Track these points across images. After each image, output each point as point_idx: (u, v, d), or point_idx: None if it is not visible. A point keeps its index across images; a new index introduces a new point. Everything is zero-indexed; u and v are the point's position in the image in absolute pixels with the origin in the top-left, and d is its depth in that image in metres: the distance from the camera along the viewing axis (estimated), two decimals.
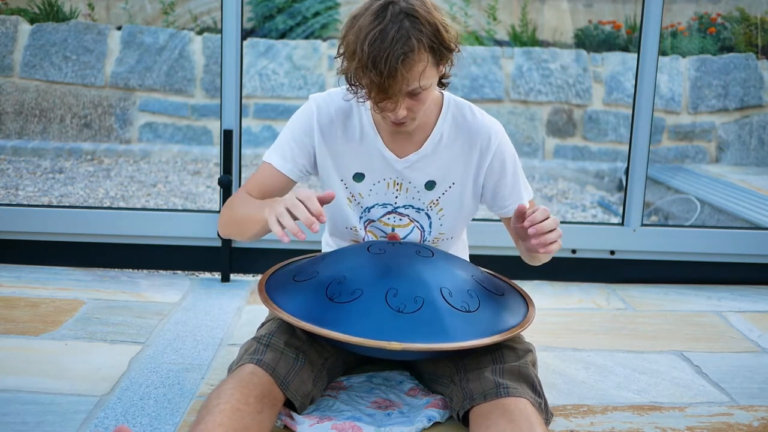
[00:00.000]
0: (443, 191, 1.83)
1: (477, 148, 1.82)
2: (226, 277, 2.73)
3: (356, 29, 1.60)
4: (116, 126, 5.68)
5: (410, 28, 1.57)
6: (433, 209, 1.84)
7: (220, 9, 2.64)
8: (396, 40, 1.55)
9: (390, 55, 1.55)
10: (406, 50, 1.56)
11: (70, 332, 2.18)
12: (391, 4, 1.59)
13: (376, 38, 1.56)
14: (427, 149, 1.80)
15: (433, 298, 1.60)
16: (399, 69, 1.56)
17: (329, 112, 1.81)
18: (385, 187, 1.83)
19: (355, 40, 1.59)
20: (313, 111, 1.82)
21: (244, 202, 1.80)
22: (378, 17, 1.58)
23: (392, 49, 1.55)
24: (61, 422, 1.70)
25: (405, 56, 1.56)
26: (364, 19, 1.59)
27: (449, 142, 1.81)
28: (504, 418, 1.50)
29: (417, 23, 1.58)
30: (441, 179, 1.83)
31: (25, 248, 2.74)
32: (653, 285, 2.80)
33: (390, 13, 1.58)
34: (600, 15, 6.36)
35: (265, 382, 1.57)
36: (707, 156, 5.87)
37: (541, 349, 2.06)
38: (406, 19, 1.57)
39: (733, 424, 1.81)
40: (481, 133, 1.82)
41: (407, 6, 1.59)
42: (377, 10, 1.59)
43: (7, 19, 5.63)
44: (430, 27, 1.59)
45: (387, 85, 1.57)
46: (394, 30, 1.56)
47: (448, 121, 1.81)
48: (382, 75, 1.56)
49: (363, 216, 1.86)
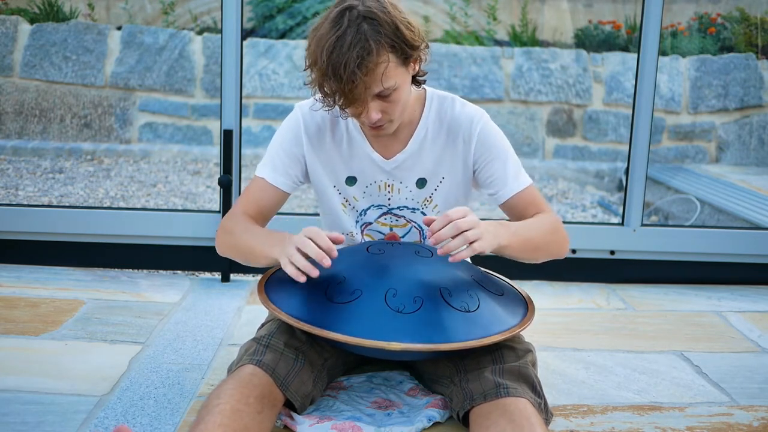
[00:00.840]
0: (435, 187, 1.83)
1: (460, 138, 1.81)
2: (226, 277, 2.73)
3: (317, 39, 1.60)
4: (116, 126, 5.68)
5: (368, 30, 1.56)
6: (428, 206, 1.84)
7: (220, 9, 2.64)
8: (353, 45, 1.55)
9: (348, 60, 1.55)
10: (363, 54, 1.55)
11: (70, 332, 2.18)
12: (348, 10, 1.59)
13: (334, 46, 1.56)
14: (413, 147, 1.80)
15: (433, 299, 1.59)
16: (357, 73, 1.55)
17: (316, 119, 1.82)
18: (377, 189, 1.83)
19: (315, 49, 1.60)
20: (300, 120, 1.82)
21: (248, 231, 1.77)
22: (336, 24, 1.58)
23: (350, 54, 1.55)
24: (61, 422, 1.70)
25: (362, 59, 1.55)
26: (323, 28, 1.60)
27: (434, 137, 1.81)
28: (504, 418, 1.50)
29: (375, 24, 1.57)
30: (431, 175, 1.82)
31: (25, 248, 2.74)
32: (653, 285, 2.80)
33: (347, 19, 1.58)
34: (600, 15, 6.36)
35: (264, 382, 1.57)
36: (707, 156, 5.87)
37: (541, 349, 2.06)
38: (363, 22, 1.57)
39: (733, 424, 1.81)
40: (463, 123, 1.80)
41: (364, 9, 1.59)
42: (335, 17, 1.59)
43: (7, 19, 5.63)
44: (390, 27, 1.59)
45: (348, 91, 1.58)
46: (351, 35, 1.56)
47: (432, 117, 1.81)
48: (341, 81, 1.56)
49: (359, 220, 1.86)
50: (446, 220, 1.58)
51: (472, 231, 1.58)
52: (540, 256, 1.81)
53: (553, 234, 1.80)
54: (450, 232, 1.57)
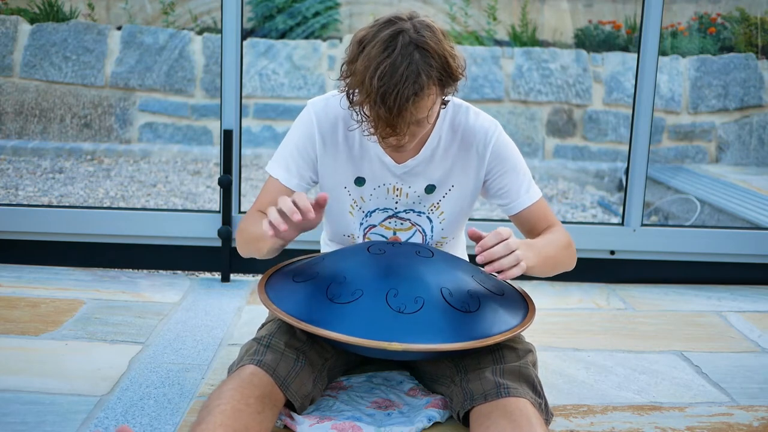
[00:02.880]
0: (443, 194, 1.83)
1: (474, 149, 1.81)
2: (226, 277, 2.73)
3: (365, 58, 1.55)
4: (116, 126, 5.68)
5: (420, 62, 1.53)
6: (434, 212, 1.85)
7: (220, 9, 2.64)
8: (406, 77, 1.52)
9: (400, 92, 1.51)
10: (417, 89, 1.53)
11: (70, 332, 2.18)
12: (401, 34, 1.55)
13: (385, 73, 1.52)
14: (425, 154, 1.80)
15: (434, 299, 1.60)
16: (408, 108, 1.53)
17: (329, 119, 1.80)
18: (385, 192, 1.83)
19: (364, 70, 1.54)
20: (313, 119, 1.80)
21: (254, 221, 1.78)
22: (387, 48, 1.54)
23: (402, 86, 1.51)
24: (61, 422, 1.70)
25: (416, 95, 1.53)
26: (373, 49, 1.55)
27: (447, 145, 1.81)
28: (504, 419, 1.50)
29: (427, 56, 1.54)
30: (440, 183, 1.83)
31: (25, 248, 2.74)
32: (653, 285, 2.80)
33: (400, 44, 1.53)
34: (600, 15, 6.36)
35: (265, 382, 1.57)
36: (707, 156, 5.87)
37: (541, 349, 2.06)
38: (416, 51, 1.54)
39: (733, 424, 1.81)
40: (478, 134, 1.81)
41: (417, 37, 1.55)
42: (387, 39, 1.55)
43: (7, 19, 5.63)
44: (440, 60, 1.56)
45: (395, 123, 1.55)
46: (404, 65, 1.52)
47: (446, 126, 1.81)
48: (391, 112, 1.53)
49: (364, 222, 1.86)
50: (499, 237, 1.57)
51: (519, 251, 1.58)
52: (555, 273, 1.84)
53: (567, 250, 1.84)
54: (502, 251, 1.56)
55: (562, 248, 1.82)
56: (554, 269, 1.82)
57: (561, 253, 1.81)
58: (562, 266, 1.84)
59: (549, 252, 1.75)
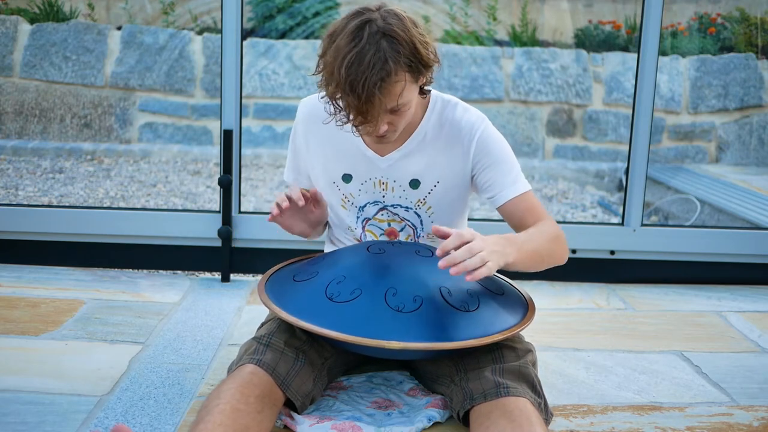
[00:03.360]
0: (429, 190, 1.83)
1: (459, 144, 1.81)
2: (226, 277, 2.73)
3: (334, 49, 1.59)
4: (116, 126, 5.68)
5: (388, 49, 1.56)
6: (422, 208, 1.85)
7: (220, 9, 2.64)
8: (373, 64, 1.54)
9: (367, 79, 1.54)
10: (383, 75, 1.55)
11: (70, 332, 2.18)
12: (368, 23, 1.58)
13: (353, 61, 1.55)
14: (409, 147, 1.81)
15: (433, 298, 1.60)
16: (376, 94, 1.55)
17: (314, 116, 1.84)
18: (372, 186, 1.84)
19: (333, 61, 1.58)
20: (300, 119, 1.88)
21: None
22: (355, 38, 1.57)
23: (369, 73, 1.54)
24: (61, 422, 1.70)
25: (382, 81, 1.55)
26: (341, 39, 1.58)
27: (432, 140, 1.81)
28: (504, 418, 1.50)
29: (394, 43, 1.57)
30: (425, 177, 1.82)
31: (25, 248, 2.74)
32: (653, 285, 2.80)
33: (367, 34, 1.57)
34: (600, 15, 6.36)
35: (265, 382, 1.57)
36: (707, 156, 5.87)
37: (541, 349, 2.06)
38: (383, 39, 1.56)
39: (733, 424, 1.81)
40: (463, 128, 1.80)
41: (384, 25, 1.58)
42: (354, 29, 1.58)
43: (7, 19, 5.63)
44: (408, 46, 1.58)
45: (365, 110, 1.58)
46: (371, 52, 1.55)
47: (433, 120, 1.81)
48: (360, 99, 1.56)
49: (359, 216, 1.87)
50: (461, 240, 1.55)
51: (484, 253, 1.55)
52: (543, 267, 1.80)
53: (555, 243, 1.79)
54: (464, 254, 1.53)
55: (548, 241, 1.76)
56: (541, 263, 1.77)
57: (547, 245, 1.76)
58: (551, 259, 1.79)
59: (532, 246, 1.71)
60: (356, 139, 1.81)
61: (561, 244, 1.82)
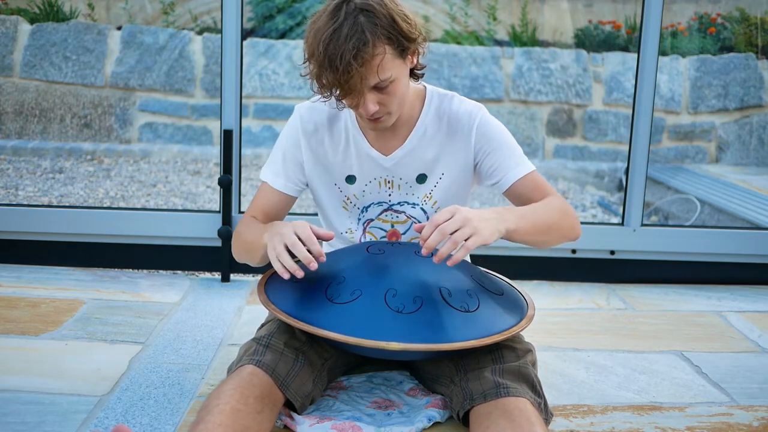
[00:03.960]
0: (435, 183, 1.84)
1: (459, 134, 1.82)
2: (226, 277, 2.73)
3: (314, 31, 1.62)
4: (116, 126, 5.68)
5: (365, 22, 1.58)
6: (428, 203, 1.85)
7: (220, 9, 2.64)
8: (349, 37, 1.57)
9: (344, 51, 1.57)
10: (359, 45, 1.57)
11: (70, 332, 2.18)
12: (345, 3, 1.61)
13: (330, 37, 1.58)
14: (411, 143, 1.81)
15: (433, 298, 1.60)
16: (353, 64, 1.57)
17: (313, 119, 1.84)
18: (377, 186, 1.84)
19: (313, 42, 1.62)
20: (298, 122, 1.85)
21: (249, 227, 1.81)
22: (333, 17, 1.60)
23: (346, 45, 1.57)
24: (61, 422, 1.70)
25: (358, 50, 1.57)
26: (321, 21, 1.62)
27: (433, 133, 1.82)
28: (504, 418, 1.50)
29: (371, 16, 1.59)
30: (430, 171, 1.83)
31: (25, 248, 2.74)
32: (653, 285, 2.80)
33: (344, 12, 1.60)
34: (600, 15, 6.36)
35: (264, 382, 1.57)
36: (707, 156, 5.87)
37: (541, 349, 2.06)
38: (360, 14, 1.59)
39: (733, 424, 1.81)
40: (462, 118, 1.81)
41: (361, 2, 1.61)
42: (332, 9, 1.62)
43: (7, 19, 5.63)
44: (386, 19, 1.60)
45: (344, 81, 1.59)
46: (347, 26, 1.58)
47: (431, 114, 1.82)
48: (337, 71, 1.58)
49: (361, 217, 1.87)
50: (432, 226, 1.56)
51: (460, 231, 1.54)
52: (553, 239, 1.77)
53: (563, 214, 1.77)
54: (438, 238, 1.54)
55: (555, 212, 1.74)
56: (548, 234, 1.74)
57: (553, 216, 1.74)
58: (559, 232, 1.77)
59: (536, 216, 1.70)
60: (360, 140, 1.81)
61: (569, 217, 1.79)
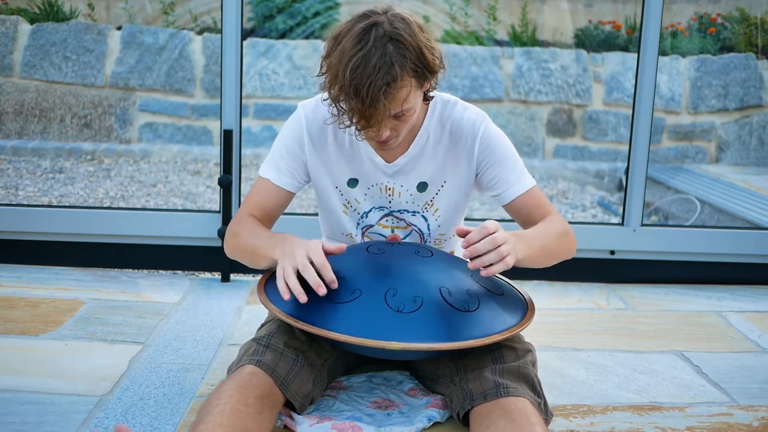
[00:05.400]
0: (436, 192, 1.83)
1: (462, 142, 1.80)
2: (226, 277, 2.73)
3: (339, 51, 1.56)
4: (116, 126, 5.68)
5: (394, 53, 1.54)
6: (429, 210, 1.84)
7: (220, 9, 2.64)
8: (379, 68, 1.52)
9: (372, 83, 1.52)
10: (389, 79, 1.53)
11: (70, 332, 2.18)
12: (374, 27, 1.56)
13: (358, 65, 1.53)
14: (414, 151, 1.80)
15: (433, 298, 1.60)
16: (381, 99, 1.53)
17: (318, 119, 1.80)
18: (378, 191, 1.83)
19: (338, 63, 1.56)
20: (303, 120, 1.81)
21: (251, 232, 1.77)
22: (361, 41, 1.55)
23: (375, 77, 1.52)
24: (61, 422, 1.70)
25: (388, 86, 1.53)
26: (347, 42, 1.56)
27: (435, 141, 1.80)
28: (504, 418, 1.50)
29: (401, 47, 1.55)
30: (432, 180, 1.82)
31: (25, 248, 2.74)
32: (653, 285, 2.80)
33: (373, 37, 1.54)
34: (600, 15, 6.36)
35: (264, 382, 1.57)
36: (707, 156, 5.87)
37: (541, 349, 2.06)
38: (389, 43, 1.54)
39: (733, 424, 1.81)
40: (465, 127, 1.80)
41: (391, 29, 1.56)
42: (360, 32, 1.56)
43: (7, 19, 5.63)
44: (415, 51, 1.56)
45: (369, 114, 1.56)
46: (377, 56, 1.53)
47: (434, 122, 1.80)
48: (364, 103, 1.54)
49: (360, 222, 1.86)
50: (484, 232, 1.56)
51: (505, 246, 1.57)
52: (552, 262, 1.81)
53: (563, 238, 1.80)
54: (487, 246, 1.55)
55: (557, 237, 1.78)
56: (549, 259, 1.78)
57: (555, 242, 1.77)
58: (558, 254, 1.81)
59: (541, 242, 1.73)
60: (363, 144, 1.79)
61: (569, 240, 1.82)
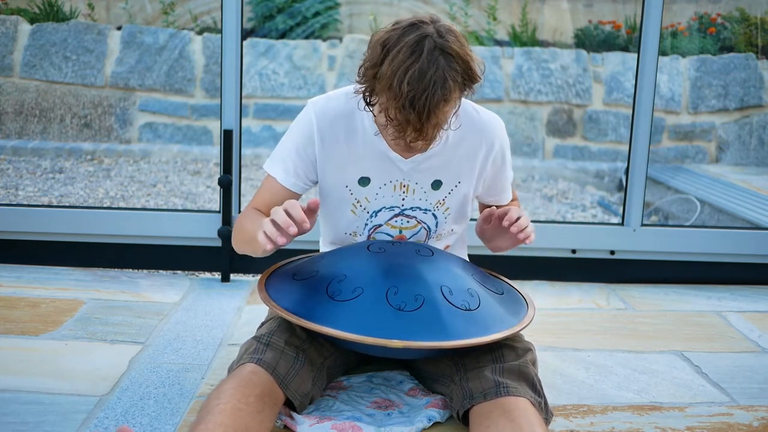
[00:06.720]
0: (450, 190, 1.83)
1: (482, 145, 1.83)
2: (226, 277, 2.73)
3: (391, 62, 1.56)
4: (116, 126, 5.68)
5: (446, 67, 1.56)
6: (440, 209, 1.84)
7: (220, 9, 2.64)
8: (434, 82, 1.54)
9: (429, 97, 1.54)
10: (445, 94, 1.55)
11: (70, 332, 2.18)
12: (426, 38, 1.57)
13: (414, 77, 1.54)
14: (433, 150, 1.78)
15: (434, 297, 1.60)
16: (434, 113, 1.55)
17: (329, 117, 1.79)
18: (391, 189, 1.81)
19: (392, 75, 1.55)
20: (313, 118, 1.79)
21: (250, 219, 1.79)
22: (414, 52, 1.55)
23: (431, 91, 1.54)
24: (61, 422, 1.70)
25: (444, 100, 1.56)
26: (400, 53, 1.56)
27: (455, 141, 1.80)
28: (504, 418, 1.50)
29: (451, 61, 1.57)
30: (447, 179, 1.82)
31: (25, 248, 2.74)
32: (653, 285, 2.80)
33: (426, 50, 1.55)
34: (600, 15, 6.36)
35: (265, 381, 1.57)
36: (707, 156, 5.87)
37: (541, 349, 2.05)
38: (441, 56, 1.56)
39: (733, 424, 1.81)
40: (486, 130, 1.83)
41: (442, 42, 1.57)
42: (413, 44, 1.56)
43: (7, 19, 5.63)
44: (463, 64, 1.58)
45: (423, 127, 1.57)
46: (432, 70, 1.54)
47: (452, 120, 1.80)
48: (420, 117, 1.55)
49: (369, 222, 1.85)
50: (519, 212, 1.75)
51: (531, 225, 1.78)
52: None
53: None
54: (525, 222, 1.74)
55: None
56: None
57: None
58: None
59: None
60: (378, 141, 1.78)
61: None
